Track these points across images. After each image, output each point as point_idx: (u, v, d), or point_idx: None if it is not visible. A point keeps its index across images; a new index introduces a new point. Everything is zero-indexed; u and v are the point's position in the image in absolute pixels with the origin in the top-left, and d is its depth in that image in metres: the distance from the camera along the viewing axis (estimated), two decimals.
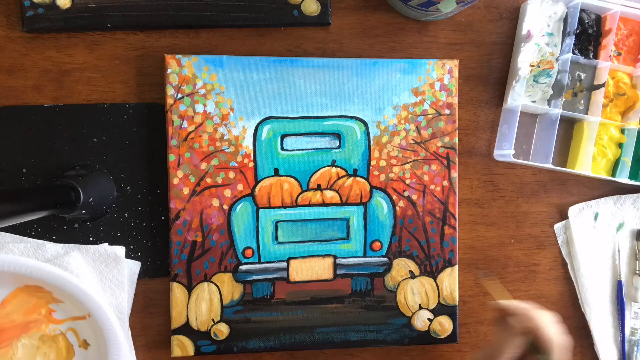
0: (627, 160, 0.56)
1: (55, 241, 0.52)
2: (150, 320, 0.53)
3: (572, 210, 0.57)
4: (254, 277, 0.53)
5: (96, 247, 0.52)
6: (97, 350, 0.51)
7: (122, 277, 0.52)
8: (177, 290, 0.51)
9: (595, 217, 0.58)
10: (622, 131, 0.57)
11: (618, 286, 0.58)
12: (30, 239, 0.51)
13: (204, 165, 0.52)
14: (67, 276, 0.48)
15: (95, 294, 0.49)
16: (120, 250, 0.52)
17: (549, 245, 0.58)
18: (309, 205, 0.53)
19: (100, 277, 0.52)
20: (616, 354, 0.58)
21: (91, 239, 0.52)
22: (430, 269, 0.54)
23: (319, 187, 0.53)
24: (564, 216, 0.58)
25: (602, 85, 0.55)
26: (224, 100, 0.52)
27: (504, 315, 0.46)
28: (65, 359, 0.51)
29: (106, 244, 0.52)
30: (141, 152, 0.53)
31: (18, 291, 0.50)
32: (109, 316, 0.49)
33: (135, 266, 0.53)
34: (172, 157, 0.51)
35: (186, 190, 0.51)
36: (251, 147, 0.52)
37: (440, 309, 0.55)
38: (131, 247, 0.52)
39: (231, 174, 0.52)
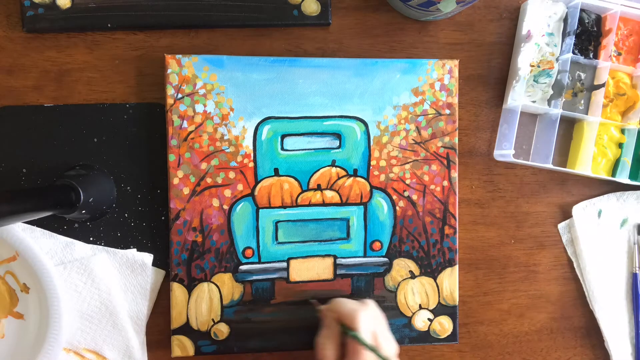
0: (627, 160, 0.56)
1: None
2: (150, 320, 0.53)
3: (576, 209, 0.57)
4: (254, 277, 0.53)
5: (124, 252, 0.52)
6: (36, 293, 0.50)
7: (146, 285, 0.52)
8: (177, 290, 0.51)
9: (599, 214, 0.58)
10: (622, 131, 0.57)
11: (633, 279, 0.58)
12: (60, 236, 0.51)
13: (204, 165, 0.52)
14: None
15: (18, 232, 0.48)
16: (148, 257, 0.52)
17: (549, 245, 0.58)
18: (309, 205, 0.53)
19: (125, 281, 0.52)
20: (630, 349, 0.58)
21: (91, 239, 0.52)
22: (430, 269, 0.54)
23: (319, 187, 0.53)
24: (564, 216, 0.58)
25: (602, 85, 0.55)
26: (224, 100, 0.52)
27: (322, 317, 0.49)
28: (9, 305, 0.50)
29: (134, 249, 0.52)
30: (141, 152, 0.53)
31: None
32: (37, 253, 0.48)
33: (159, 275, 0.53)
34: (172, 157, 0.51)
35: (186, 190, 0.51)
36: (251, 147, 0.52)
37: (441, 309, 0.55)
38: (131, 247, 0.52)
39: (231, 174, 0.52)
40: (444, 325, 0.55)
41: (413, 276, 0.54)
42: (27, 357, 0.50)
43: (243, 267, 0.52)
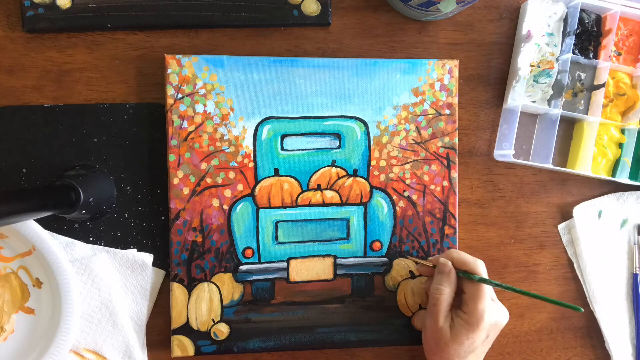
0: (627, 161, 0.56)
1: None
2: (151, 320, 0.53)
3: (576, 209, 0.57)
4: (254, 277, 0.53)
5: (124, 252, 0.52)
6: (49, 288, 0.50)
7: (146, 285, 0.52)
8: (177, 290, 0.51)
9: (599, 215, 0.58)
10: (622, 131, 0.57)
11: (634, 279, 0.58)
12: (61, 236, 0.51)
13: (204, 165, 0.52)
14: None
15: (36, 225, 0.48)
16: (148, 257, 0.52)
17: (550, 246, 0.58)
18: (309, 205, 0.53)
19: (125, 281, 0.52)
20: (630, 350, 0.58)
21: (91, 239, 0.52)
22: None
23: (319, 187, 0.53)
24: (564, 216, 0.58)
25: (602, 85, 0.55)
26: (224, 100, 0.52)
27: (431, 270, 0.52)
28: (20, 300, 0.50)
29: (135, 249, 0.52)
30: (141, 152, 0.53)
31: None
32: (54, 249, 0.48)
33: (159, 275, 0.53)
34: (172, 157, 0.51)
35: (186, 190, 0.51)
36: (251, 147, 0.52)
37: None
38: (131, 247, 0.52)
39: (231, 174, 0.52)
40: None
41: (413, 276, 0.54)
42: (36, 352, 0.50)
43: (243, 267, 0.52)
